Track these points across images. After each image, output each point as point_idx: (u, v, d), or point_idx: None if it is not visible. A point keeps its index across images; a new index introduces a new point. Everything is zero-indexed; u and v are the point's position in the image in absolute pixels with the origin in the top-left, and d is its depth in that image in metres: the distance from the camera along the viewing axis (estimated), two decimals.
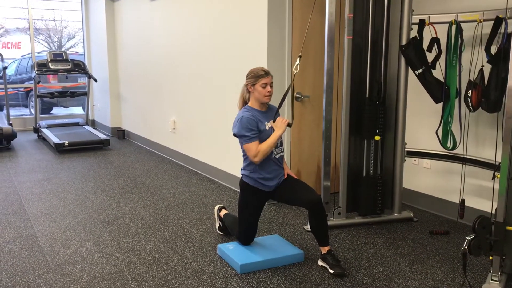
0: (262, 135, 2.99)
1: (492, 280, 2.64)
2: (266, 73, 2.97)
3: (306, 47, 4.18)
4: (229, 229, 3.41)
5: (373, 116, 3.59)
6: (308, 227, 3.62)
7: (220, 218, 3.54)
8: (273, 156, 3.05)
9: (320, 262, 3.03)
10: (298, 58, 3.22)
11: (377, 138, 3.62)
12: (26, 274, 2.91)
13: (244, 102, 3.10)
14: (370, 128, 3.61)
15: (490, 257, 2.65)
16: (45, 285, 2.77)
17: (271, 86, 2.99)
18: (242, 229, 3.19)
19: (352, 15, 3.47)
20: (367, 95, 3.61)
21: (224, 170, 4.94)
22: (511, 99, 2.51)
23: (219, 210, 3.58)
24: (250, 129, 2.93)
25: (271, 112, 3.10)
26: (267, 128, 3.03)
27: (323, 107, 3.57)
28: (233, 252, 3.09)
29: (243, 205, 3.15)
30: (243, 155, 3.10)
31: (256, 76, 2.97)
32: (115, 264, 3.05)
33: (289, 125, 3.04)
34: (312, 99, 4.36)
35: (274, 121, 3.03)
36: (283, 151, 3.15)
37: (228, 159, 4.84)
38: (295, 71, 3.18)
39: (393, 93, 3.66)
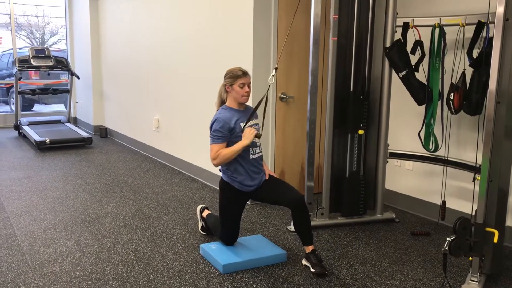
0: (237, 133, 2.98)
1: (471, 280, 2.68)
2: (244, 73, 2.98)
3: (291, 48, 4.19)
4: (212, 230, 3.40)
5: (357, 109, 3.61)
6: (291, 227, 3.63)
7: (202, 219, 3.52)
8: (251, 158, 3.04)
9: (304, 261, 3.03)
10: (274, 70, 3.20)
11: (360, 132, 3.64)
12: (5, 274, 2.86)
13: (222, 101, 3.10)
14: (355, 122, 3.63)
15: (470, 258, 2.69)
16: (24, 285, 2.73)
17: (248, 87, 2.99)
18: (225, 230, 3.17)
19: (337, 16, 3.49)
20: (350, 96, 3.64)
21: (207, 169, 4.92)
22: (492, 102, 2.55)
23: (202, 210, 3.56)
24: (220, 131, 2.93)
25: (249, 111, 3.09)
26: (242, 126, 3.00)
27: (307, 107, 3.59)
28: (216, 252, 3.08)
29: (224, 207, 3.14)
30: None
31: (234, 76, 2.97)
32: (96, 264, 3.02)
33: (257, 135, 2.99)
34: (296, 100, 4.37)
35: (243, 130, 2.97)
36: (261, 151, 3.14)
37: None
38: (270, 83, 3.16)
39: (377, 96, 3.69)
